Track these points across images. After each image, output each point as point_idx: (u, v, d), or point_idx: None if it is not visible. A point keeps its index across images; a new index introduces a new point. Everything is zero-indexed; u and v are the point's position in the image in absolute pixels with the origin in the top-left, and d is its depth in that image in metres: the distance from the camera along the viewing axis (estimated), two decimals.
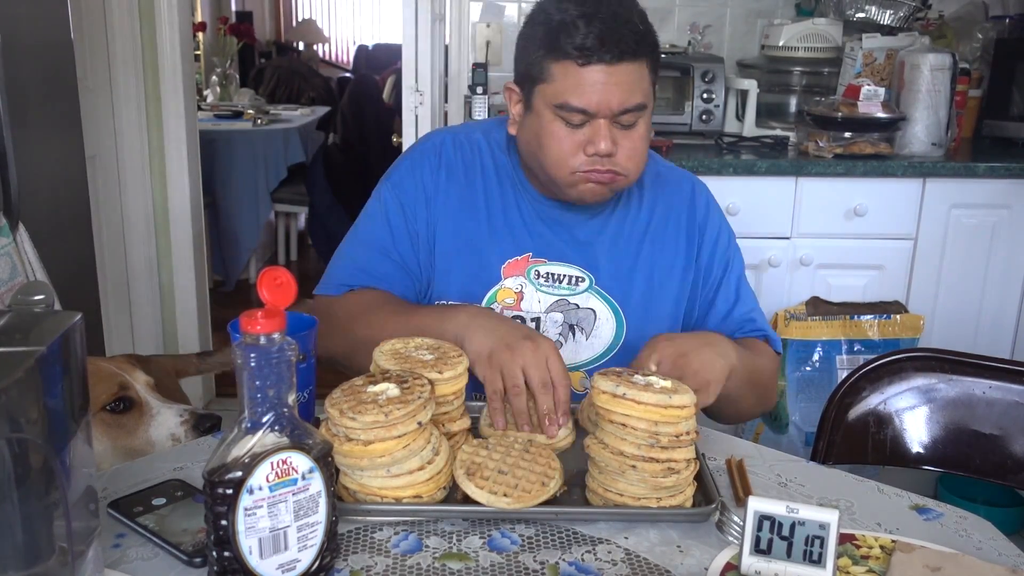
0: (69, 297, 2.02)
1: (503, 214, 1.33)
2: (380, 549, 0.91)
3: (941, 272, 2.46)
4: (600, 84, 1.16)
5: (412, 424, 0.92)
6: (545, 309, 1.32)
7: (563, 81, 1.18)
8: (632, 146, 1.20)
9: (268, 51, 7.40)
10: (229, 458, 0.78)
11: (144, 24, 2.88)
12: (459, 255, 1.32)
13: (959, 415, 1.39)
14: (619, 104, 1.17)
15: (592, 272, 1.32)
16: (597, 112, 1.17)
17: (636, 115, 1.19)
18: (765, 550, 0.84)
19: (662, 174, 1.39)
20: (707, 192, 1.40)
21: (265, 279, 0.82)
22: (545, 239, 1.32)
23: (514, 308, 1.31)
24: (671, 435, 0.94)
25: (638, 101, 1.18)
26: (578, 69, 1.16)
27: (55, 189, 2.23)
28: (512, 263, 1.32)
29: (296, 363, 0.81)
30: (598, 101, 1.17)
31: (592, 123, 1.18)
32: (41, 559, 0.71)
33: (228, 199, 4.32)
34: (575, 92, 1.17)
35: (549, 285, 1.32)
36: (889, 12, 2.67)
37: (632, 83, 1.17)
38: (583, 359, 1.33)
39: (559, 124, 1.20)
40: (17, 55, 1.89)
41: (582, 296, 1.32)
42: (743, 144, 2.60)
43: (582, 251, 1.32)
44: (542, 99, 1.21)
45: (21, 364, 0.68)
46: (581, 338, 1.32)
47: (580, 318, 1.32)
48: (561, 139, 1.20)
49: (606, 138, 1.18)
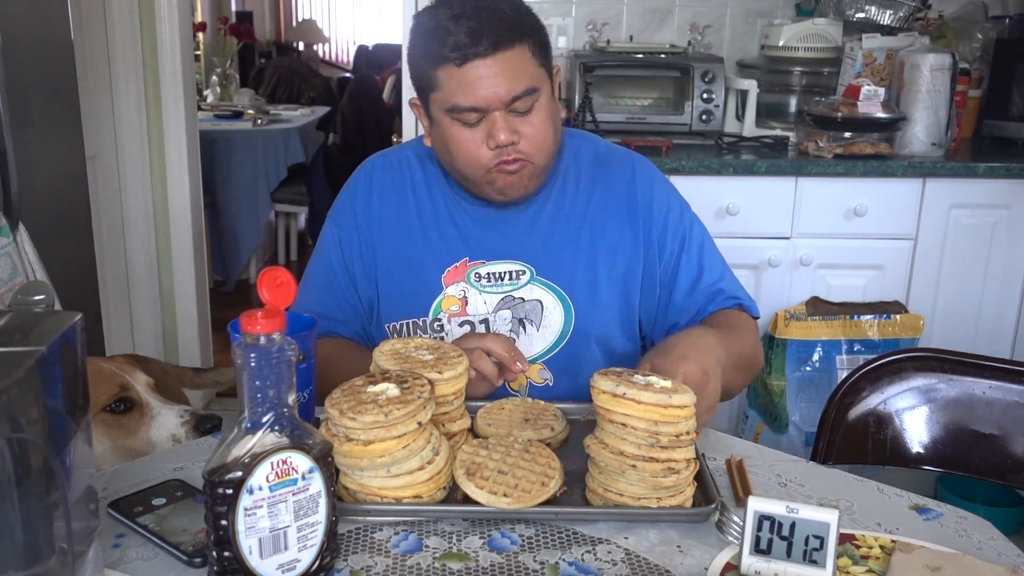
0: (69, 297, 2.01)
1: (436, 226, 1.34)
2: (380, 549, 0.91)
3: (941, 272, 2.46)
4: (482, 79, 1.17)
5: (412, 424, 0.92)
6: (492, 309, 1.32)
7: (448, 84, 1.19)
8: (533, 131, 1.21)
9: (268, 51, 7.40)
10: (229, 458, 0.78)
11: (144, 24, 2.89)
12: (401, 274, 1.34)
13: (959, 415, 1.39)
14: (507, 93, 1.18)
15: (532, 263, 1.32)
16: (488, 106, 1.18)
17: (528, 100, 1.20)
18: (765, 550, 0.84)
19: (602, 155, 1.39)
20: (650, 169, 1.39)
21: (265, 279, 0.82)
22: (481, 240, 1.33)
23: (460, 314, 1.32)
24: (671, 435, 0.94)
25: (526, 86, 1.19)
26: (458, 70, 1.17)
27: (55, 189, 2.23)
28: (451, 271, 1.33)
29: (296, 363, 0.81)
30: (485, 96, 1.18)
31: (487, 118, 1.20)
32: (41, 559, 0.71)
33: (228, 199, 4.32)
34: (461, 92, 1.18)
35: (492, 285, 1.32)
36: (889, 12, 2.67)
37: (514, 69, 1.18)
38: (537, 350, 1.33)
39: (457, 127, 1.21)
40: (17, 55, 1.89)
41: (525, 289, 1.32)
42: (743, 144, 2.60)
43: (519, 245, 1.33)
44: (437, 107, 1.23)
45: (21, 364, 0.68)
46: (532, 330, 1.32)
47: (528, 311, 1.32)
48: (463, 141, 1.22)
49: (504, 129, 1.19)
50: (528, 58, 1.20)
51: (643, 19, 2.96)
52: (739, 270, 2.34)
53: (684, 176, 2.35)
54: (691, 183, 2.37)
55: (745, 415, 2.57)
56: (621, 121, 2.63)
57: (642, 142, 2.50)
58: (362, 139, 4.84)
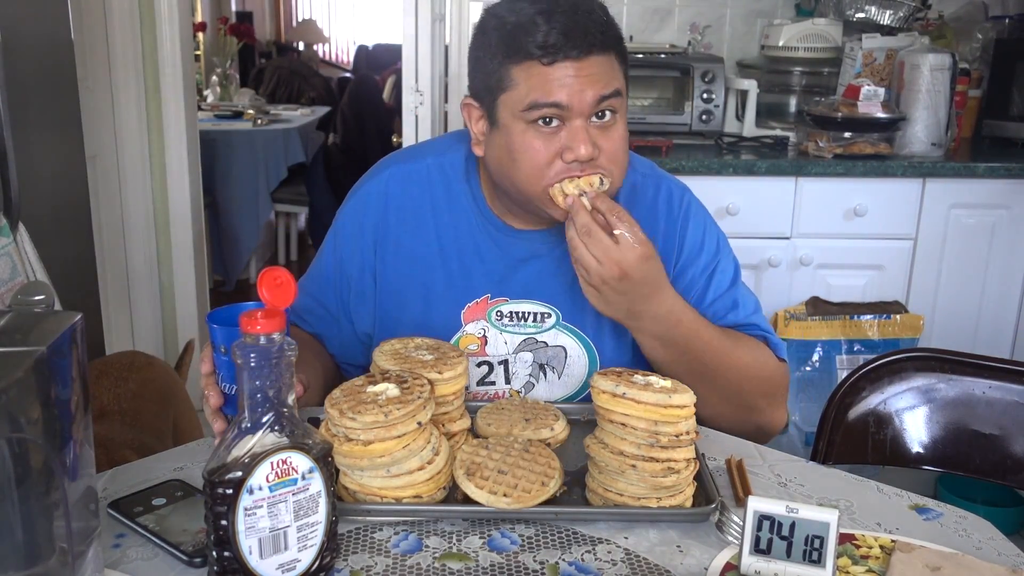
0: (69, 297, 2.02)
1: (458, 255, 1.23)
2: (380, 549, 0.91)
3: (941, 272, 2.46)
4: (570, 78, 1.07)
5: (412, 424, 0.92)
6: (513, 350, 1.24)
7: (528, 83, 1.08)
8: (612, 146, 1.11)
9: (268, 51, 7.40)
10: (229, 458, 0.78)
11: (144, 24, 2.89)
12: (414, 305, 1.24)
13: (959, 415, 1.39)
14: (594, 96, 1.08)
15: (558, 307, 1.24)
16: (571, 106, 1.07)
17: (614, 103, 1.10)
18: (765, 550, 0.84)
19: (637, 187, 1.26)
20: (687, 200, 1.28)
21: (265, 279, 0.82)
22: (505, 276, 1.23)
23: (479, 353, 1.24)
24: (671, 435, 0.94)
25: (615, 87, 1.10)
26: (544, 68, 1.07)
27: (55, 189, 2.23)
28: (472, 307, 1.23)
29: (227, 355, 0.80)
30: (569, 95, 1.07)
31: (568, 126, 1.09)
32: (41, 559, 0.71)
33: (228, 199, 4.33)
34: (543, 90, 1.07)
35: (514, 325, 1.23)
36: (889, 12, 2.67)
37: (604, 73, 1.09)
38: (557, 397, 1.26)
39: (531, 133, 1.10)
40: (17, 55, 1.90)
41: (550, 333, 1.24)
42: (743, 144, 2.60)
43: (546, 284, 1.23)
44: (507, 109, 1.11)
45: (21, 364, 0.68)
46: (553, 377, 1.25)
47: (550, 357, 1.25)
48: (535, 150, 1.10)
49: (585, 141, 1.08)
50: (616, 66, 1.11)
51: (643, 19, 2.96)
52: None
53: (684, 176, 2.33)
54: (691, 183, 2.34)
55: None
56: None
57: (642, 142, 2.50)
58: (362, 139, 4.84)
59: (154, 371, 1.87)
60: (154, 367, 1.89)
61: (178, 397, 1.91)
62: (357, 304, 1.27)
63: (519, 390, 1.26)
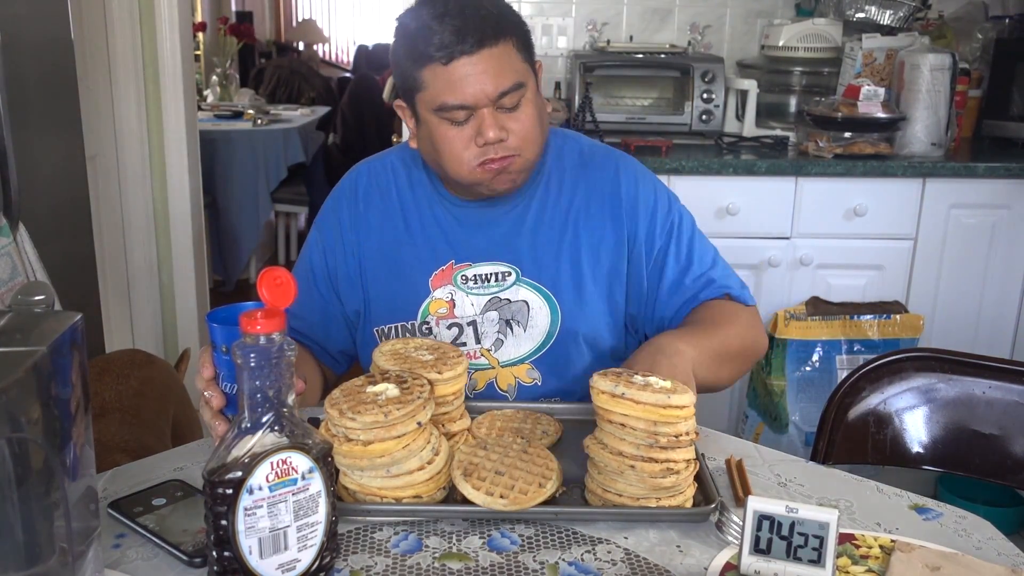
0: (69, 297, 2.02)
1: (422, 230, 1.35)
2: (380, 549, 0.91)
3: (941, 272, 2.46)
4: (469, 76, 1.17)
5: (412, 424, 0.92)
6: (480, 311, 1.32)
7: (435, 84, 1.19)
8: (520, 126, 1.21)
9: (268, 51, 7.40)
10: (229, 458, 0.79)
11: (144, 24, 2.89)
12: (388, 279, 1.35)
13: (959, 415, 1.39)
14: (494, 89, 1.18)
15: (517, 264, 1.33)
16: (476, 103, 1.18)
17: (516, 96, 1.20)
18: (765, 550, 0.84)
19: (585, 154, 1.39)
20: (633, 166, 1.39)
21: (265, 279, 0.82)
22: (466, 243, 1.34)
23: (448, 316, 1.32)
24: (670, 435, 0.94)
25: (513, 81, 1.19)
26: (444, 68, 1.18)
27: (55, 189, 2.23)
28: (438, 274, 1.33)
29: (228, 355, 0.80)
30: (473, 93, 1.18)
31: (475, 115, 1.20)
32: (41, 559, 0.71)
33: (228, 199, 4.33)
34: (448, 91, 1.18)
35: (478, 286, 1.32)
36: (889, 12, 2.67)
37: (501, 65, 1.18)
38: (525, 351, 1.33)
39: (445, 126, 1.21)
40: (17, 54, 1.90)
41: (511, 290, 1.33)
42: (743, 144, 2.60)
43: (505, 246, 1.33)
44: (424, 107, 1.23)
45: (21, 364, 0.68)
46: (519, 331, 1.32)
47: (514, 311, 1.33)
48: (452, 139, 1.22)
49: (492, 126, 1.19)
50: (513, 54, 1.20)
51: (643, 19, 2.96)
52: (739, 270, 2.33)
53: (684, 176, 2.35)
54: (691, 183, 2.37)
55: (745, 415, 2.57)
56: (621, 121, 2.63)
57: (642, 142, 2.50)
58: (362, 139, 4.85)
59: (155, 369, 1.87)
60: (155, 365, 1.89)
61: (178, 396, 1.91)
62: (346, 284, 1.37)
63: (489, 348, 1.32)
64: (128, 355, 1.90)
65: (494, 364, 1.32)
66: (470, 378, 1.31)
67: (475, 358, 1.32)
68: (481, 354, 1.32)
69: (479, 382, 1.32)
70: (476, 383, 1.32)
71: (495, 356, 1.32)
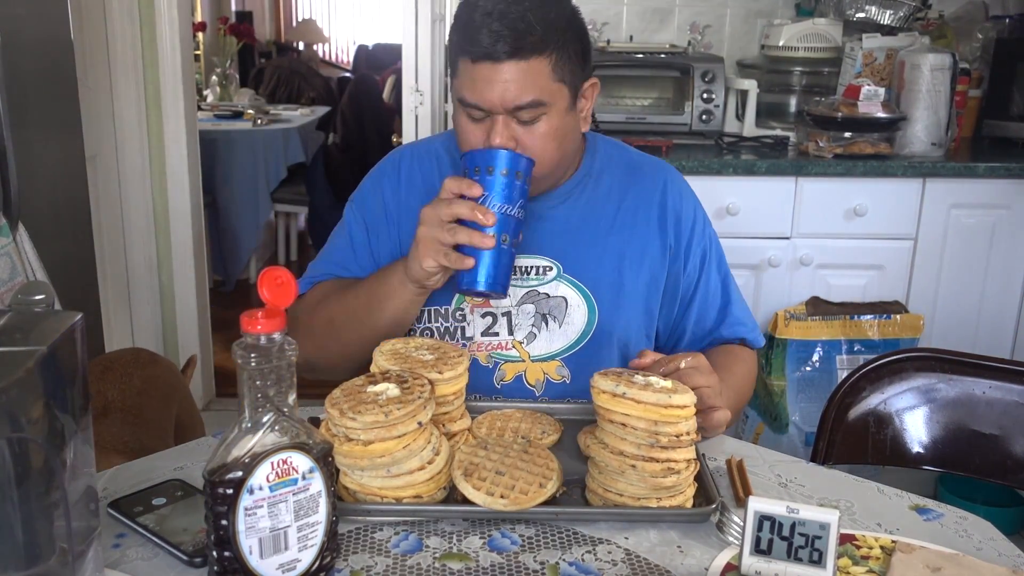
0: (69, 297, 2.02)
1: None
2: (380, 549, 0.91)
3: (941, 272, 2.46)
4: (489, 81, 1.17)
5: (412, 424, 0.92)
6: (516, 302, 1.31)
7: (462, 75, 1.20)
8: (532, 142, 1.20)
9: (268, 51, 7.40)
10: (229, 458, 0.78)
11: (144, 24, 2.89)
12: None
13: (959, 415, 1.39)
14: (510, 101, 1.17)
15: (559, 260, 1.32)
16: (490, 108, 1.18)
17: (533, 112, 1.18)
18: (765, 550, 0.84)
19: (635, 163, 1.40)
20: (681, 182, 1.41)
21: (265, 279, 0.82)
22: None
23: (483, 305, 1.31)
24: (671, 435, 0.94)
25: (531, 98, 1.17)
26: (471, 65, 1.18)
27: (55, 189, 2.23)
28: None
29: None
30: (488, 97, 1.17)
31: (491, 117, 1.19)
32: (41, 559, 0.71)
33: (228, 199, 4.32)
34: (469, 88, 1.19)
35: (517, 278, 1.31)
36: (889, 12, 2.67)
37: (523, 81, 1.16)
38: (557, 347, 1.32)
39: (466, 118, 1.22)
40: (17, 55, 1.90)
41: (551, 285, 1.32)
42: (743, 144, 2.60)
43: (548, 241, 1.32)
44: (454, 94, 1.24)
45: (21, 364, 0.68)
46: (554, 326, 1.32)
47: (551, 307, 1.32)
48: (468, 131, 1.22)
49: (501, 134, 1.18)
50: (545, 72, 1.18)
51: (643, 19, 2.96)
52: (739, 270, 2.35)
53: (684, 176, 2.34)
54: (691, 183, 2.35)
55: (745, 415, 2.57)
56: (621, 121, 2.63)
57: (642, 142, 2.50)
58: (362, 139, 4.84)
59: (159, 368, 1.87)
60: (158, 364, 1.89)
61: (182, 396, 1.91)
62: (386, 260, 1.35)
63: (521, 340, 1.32)
64: (132, 354, 1.90)
65: (524, 357, 1.31)
66: (499, 369, 1.31)
67: (506, 349, 1.31)
68: (512, 346, 1.32)
69: (507, 374, 1.31)
70: (504, 374, 1.31)
71: (526, 350, 1.31)
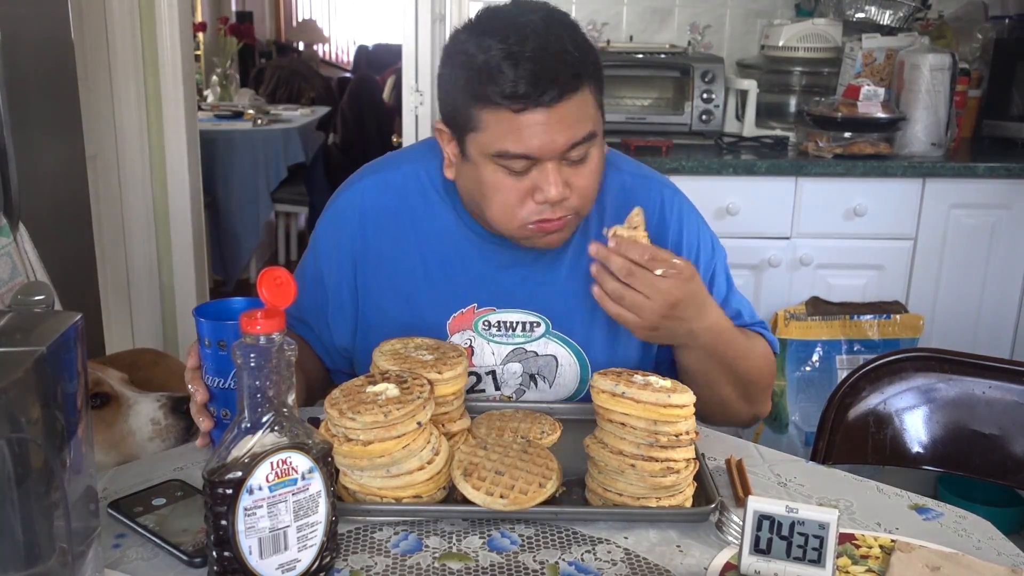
0: (69, 297, 2.01)
1: (441, 265, 1.21)
2: (380, 549, 0.91)
3: (941, 272, 2.46)
4: (541, 126, 1.03)
5: (411, 424, 0.92)
6: (501, 360, 1.21)
7: (496, 129, 1.04)
8: (585, 183, 1.09)
9: (268, 51, 7.39)
10: (229, 458, 0.79)
11: (144, 24, 2.89)
12: (399, 316, 1.21)
13: (959, 415, 1.39)
14: (566, 142, 1.05)
15: (547, 315, 1.21)
16: (541, 156, 1.04)
17: (585, 147, 1.07)
18: (765, 550, 0.84)
19: (628, 188, 1.24)
20: (680, 202, 1.27)
21: (265, 279, 0.82)
22: (492, 285, 1.20)
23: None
24: (670, 434, 0.94)
25: (587, 131, 1.06)
26: (513, 115, 1.03)
27: (55, 189, 2.23)
28: (458, 317, 1.21)
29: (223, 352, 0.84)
30: (540, 144, 1.03)
31: (538, 167, 1.06)
32: (41, 559, 0.71)
33: (228, 199, 4.32)
34: (513, 139, 1.03)
35: (502, 335, 1.21)
36: (889, 12, 2.67)
37: (576, 116, 1.04)
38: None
39: (501, 174, 1.07)
40: (17, 54, 1.89)
41: (539, 343, 1.21)
42: (743, 144, 2.60)
43: (535, 293, 1.20)
44: (477, 149, 1.07)
45: (21, 364, 0.68)
46: (544, 387, 1.23)
47: (540, 366, 1.22)
48: (506, 190, 1.07)
49: (556, 184, 1.05)
50: (590, 101, 1.07)
51: (643, 19, 2.96)
52: (739, 270, 2.35)
53: (684, 176, 2.35)
54: (691, 183, 2.36)
55: None
56: (621, 121, 2.63)
57: (642, 142, 2.50)
58: (362, 139, 4.85)
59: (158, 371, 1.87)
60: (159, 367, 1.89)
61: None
62: (336, 316, 1.25)
63: (510, 396, 1.25)
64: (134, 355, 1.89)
65: None
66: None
67: (494, 402, 1.23)
68: (501, 399, 1.24)
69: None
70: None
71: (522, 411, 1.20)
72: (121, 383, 1.32)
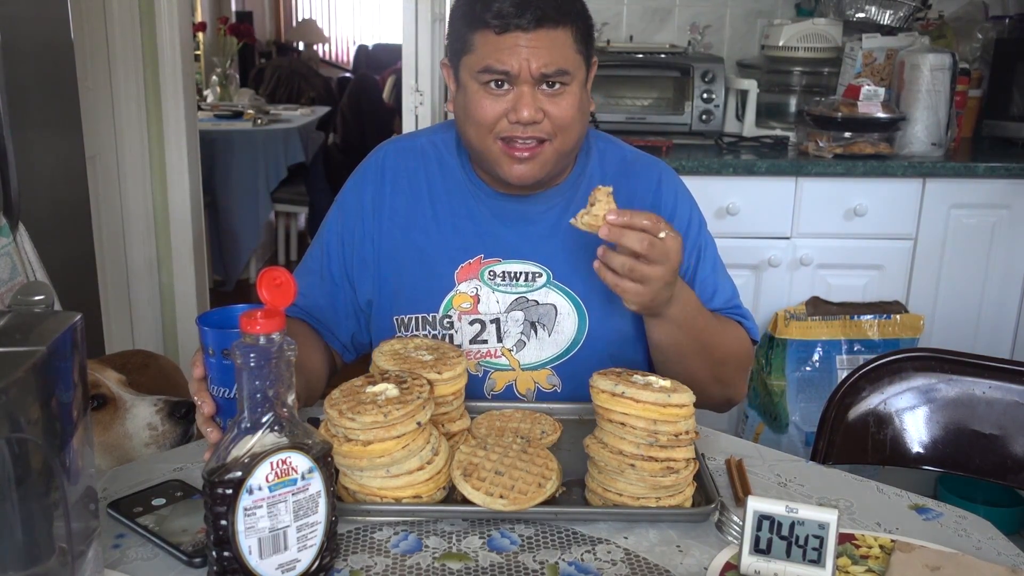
0: (69, 297, 2.02)
1: (451, 219, 1.31)
2: (380, 549, 0.91)
3: (941, 272, 2.46)
4: (519, 48, 1.16)
5: (411, 424, 0.92)
6: (505, 309, 1.29)
7: (483, 49, 1.18)
8: (559, 112, 1.19)
9: (268, 51, 7.40)
10: (229, 458, 0.79)
11: (144, 24, 2.89)
12: (411, 267, 1.31)
13: (959, 415, 1.39)
14: (539, 67, 1.16)
15: (549, 266, 1.29)
16: (518, 74, 1.16)
17: (561, 83, 1.18)
18: (764, 550, 0.84)
19: (628, 160, 1.36)
20: (675, 180, 1.38)
21: (265, 279, 0.82)
22: (498, 237, 1.30)
23: (472, 312, 1.29)
24: (670, 434, 0.94)
25: (559, 67, 1.17)
26: (496, 36, 1.16)
27: (55, 189, 2.23)
28: (465, 267, 1.29)
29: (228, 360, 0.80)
30: (518, 63, 1.16)
31: (516, 90, 1.18)
32: (41, 559, 0.71)
33: (228, 199, 4.33)
34: (495, 56, 1.17)
35: (506, 284, 1.29)
36: (889, 12, 2.67)
37: (553, 49, 1.16)
38: (547, 355, 1.30)
39: (483, 93, 1.19)
40: (17, 55, 1.89)
41: (540, 292, 1.29)
42: (743, 144, 2.60)
43: (538, 246, 1.30)
44: (467, 71, 1.21)
45: (21, 364, 0.68)
46: (544, 335, 1.29)
47: (541, 314, 1.30)
48: (485, 107, 1.19)
49: (529, 105, 1.17)
50: (569, 43, 1.18)
51: (643, 19, 2.96)
52: (739, 270, 2.35)
53: (684, 176, 2.31)
54: (691, 183, 2.34)
55: (745, 415, 2.57)
56: (621, 121, 2.63)
57: (642, 142, 2.50)
58: (362, 139, 4.84)
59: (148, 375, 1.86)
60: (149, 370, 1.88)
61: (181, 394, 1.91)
62: (360, 270, 1.34)
63: (510, 348, 1.30)
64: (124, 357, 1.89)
65: (514, 366, 1.29)
66: (488, 378, 1.29)
67: (495, 357, 1.29)
68: (502, 353, 1.29)
69: (498, 383, 1.29)
70: (495, 384, 1.29)
71: (516, 357, 1.29)
72: (119, 385, 1.32)
